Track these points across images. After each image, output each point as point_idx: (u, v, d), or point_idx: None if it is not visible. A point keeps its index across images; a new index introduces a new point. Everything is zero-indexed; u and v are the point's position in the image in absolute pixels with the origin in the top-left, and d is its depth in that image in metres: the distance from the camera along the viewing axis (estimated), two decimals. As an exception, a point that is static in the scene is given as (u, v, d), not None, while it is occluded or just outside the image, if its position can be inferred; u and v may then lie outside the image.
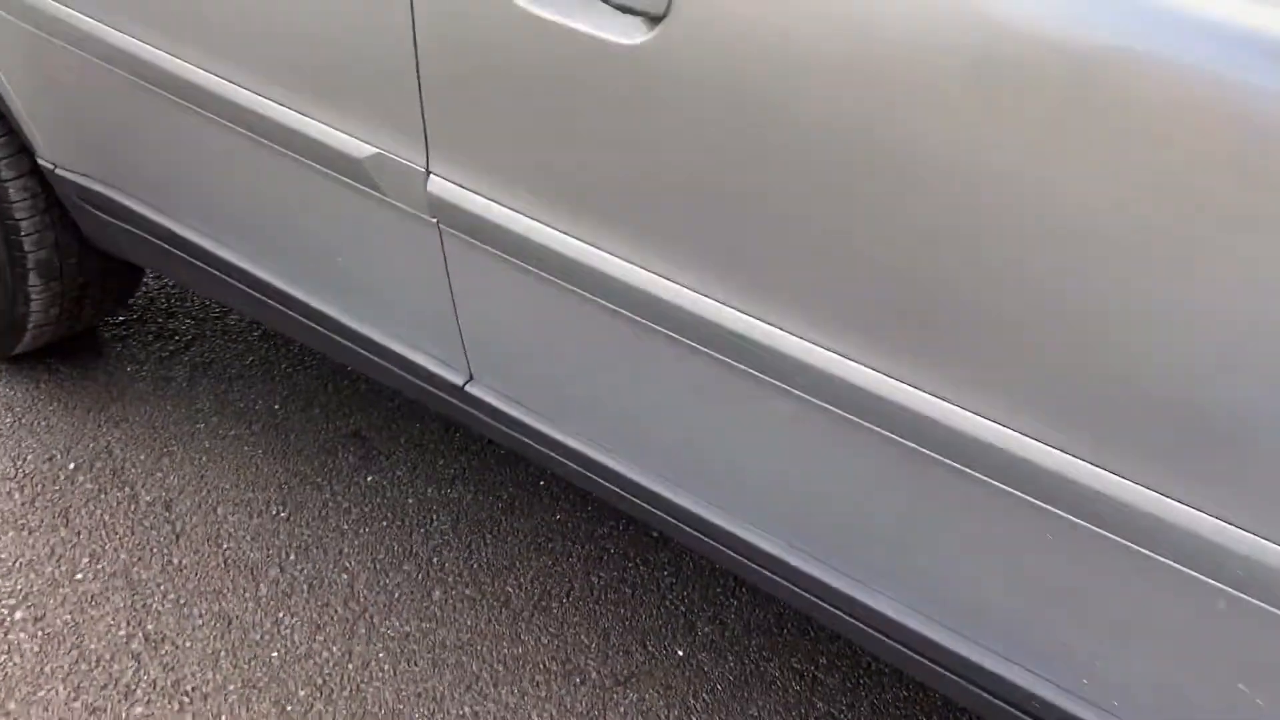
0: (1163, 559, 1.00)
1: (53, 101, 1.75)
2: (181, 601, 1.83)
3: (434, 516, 2.02)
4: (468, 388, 1.50)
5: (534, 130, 1.20)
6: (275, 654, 1.76)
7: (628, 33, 1.07)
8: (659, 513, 1.43)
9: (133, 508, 1.99)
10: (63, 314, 2.13)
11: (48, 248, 2.01)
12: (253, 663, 1.74)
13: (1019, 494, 1.05)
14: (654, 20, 1.05)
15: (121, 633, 1.76)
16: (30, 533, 1.93)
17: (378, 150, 1.34)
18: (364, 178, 1.37)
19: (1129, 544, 1.01)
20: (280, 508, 2.01)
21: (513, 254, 1.30)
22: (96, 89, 1.66)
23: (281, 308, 1.64)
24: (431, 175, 1.31)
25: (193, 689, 1.69)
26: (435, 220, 1.35)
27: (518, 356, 1.44)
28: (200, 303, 2.45)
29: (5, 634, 1.75)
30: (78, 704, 1.66)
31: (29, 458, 2.07)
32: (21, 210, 1.95)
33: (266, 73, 1.39)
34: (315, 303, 1.59)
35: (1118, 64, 0.86)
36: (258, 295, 1.67)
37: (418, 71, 1.24)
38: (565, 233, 1.24)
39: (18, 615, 1.78)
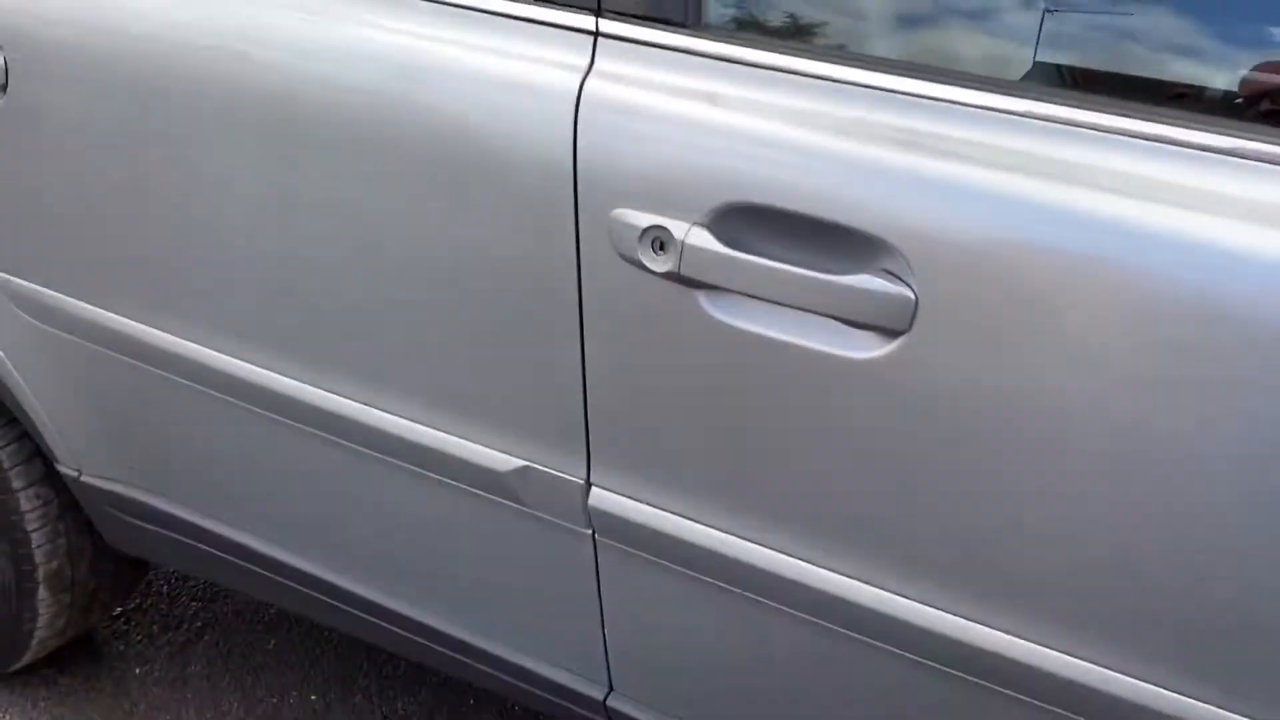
0: None
1: (83, 408, 1.57)
2: None
3: (516, 813, 1.81)
4: (609, 701, 1.34)
5: (725, 440, 1.09)
6: None
7: (857, 347, 0.99)
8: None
9: (173, 847, 1.72)
10: (69, 624, 1.88)
11: (60, 557, 1.78)
12: None
13: None
14: (892, 334, 0.97)
15: None
16: None
17: (524, 463, 1.20)
18: (503, 490, 1.23)
19: None
20: (343, 824, 1.77)
21: (686, 564, 1.17)
22: (143, 396, 1.49)
23: (374, 619, 1.46)
24: (593, 488, 1.18)
25: None
26: (590, 532, 1.22)
27: (675, 667, 1.29)
28: (203, 582, 2.22)
29: None
30: None
31: (40, 798, 1.79)
32: (33, 521, 1.73)
33: (380, 384, 1.25)
34: (420, 615, 1.41)
35: None
36: (344, 607, 1.48)
37: (584, 384, 1.13)
38: (754, 541, 1.12)
39: None
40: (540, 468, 1.20)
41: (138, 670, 2.02)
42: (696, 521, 1.14)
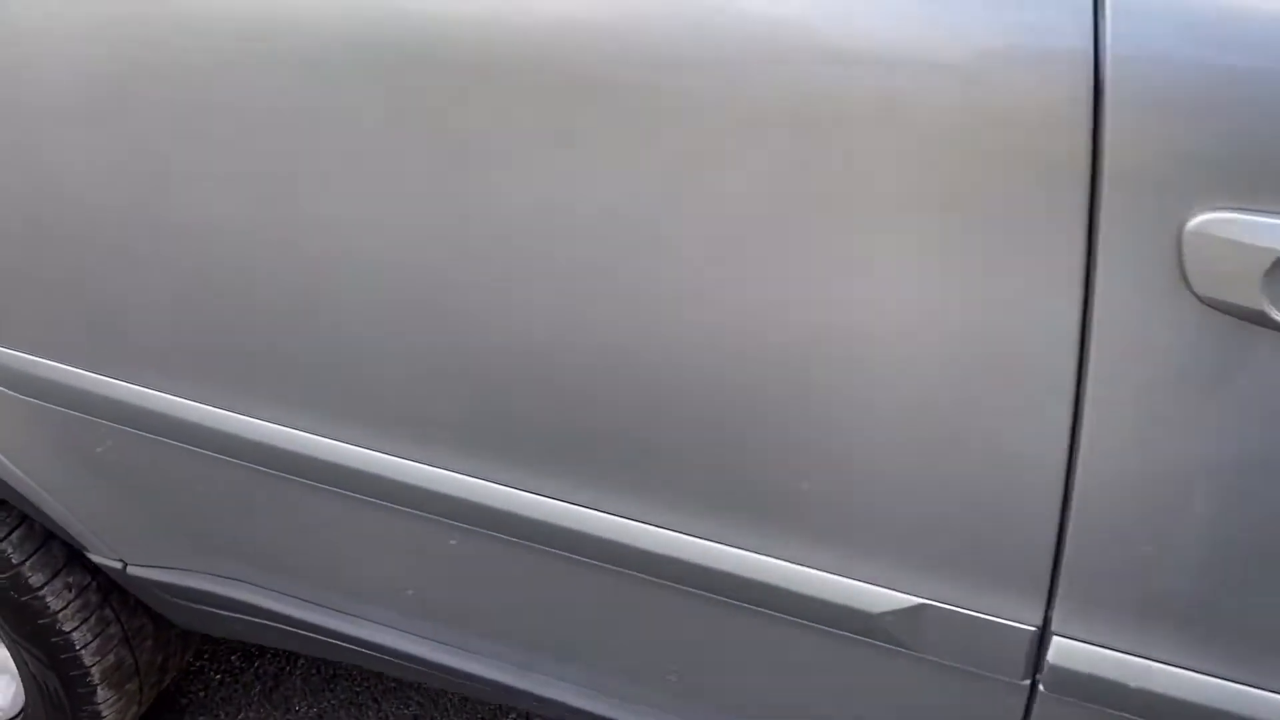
0: None
1: (111, 492, 1.02)
2: None
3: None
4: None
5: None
6: None
7: None
8: None
9: None
10: (142, 705, 1.40)
11: (115, 648, 1.27)
12: None
13: None
14: None
15: None
16: None
17: (919, 602, 0.70)
18: (876, 632, 0.73)
19: None
20: None
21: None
22: (194, 478, 0.95)
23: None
24: (1055, 638, 0.69)
25: None
26: (1029, 682, 0.73)
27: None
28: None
29: None
30: None
31: None
32: (70, 619, 1.21)
33: (644, 487, 0.73)
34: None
35: None
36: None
37: (1066, 496, 0.61)
38: None
39: None
40: (950, 608, 0.70)
41: (231, 723, 1.56)
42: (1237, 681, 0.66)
